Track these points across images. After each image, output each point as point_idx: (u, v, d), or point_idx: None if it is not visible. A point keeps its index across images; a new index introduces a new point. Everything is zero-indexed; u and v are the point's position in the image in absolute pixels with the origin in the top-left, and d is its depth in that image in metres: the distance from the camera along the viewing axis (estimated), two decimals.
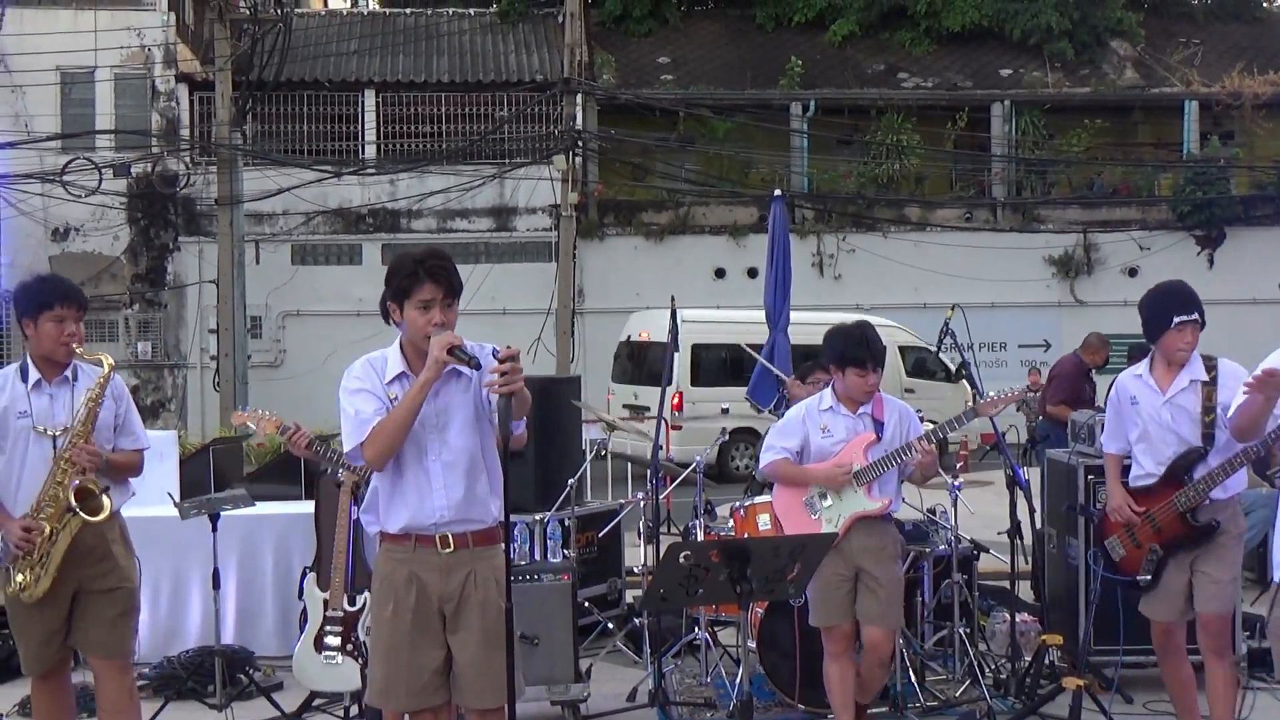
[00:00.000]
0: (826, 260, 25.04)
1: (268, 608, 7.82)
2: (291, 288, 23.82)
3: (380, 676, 4.31)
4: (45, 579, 5.05)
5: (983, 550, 7.46)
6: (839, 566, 5.67)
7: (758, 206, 24.32)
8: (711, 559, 4.23)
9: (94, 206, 22.68)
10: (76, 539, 5.08)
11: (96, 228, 23.60)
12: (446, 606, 4.28)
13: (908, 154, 25.52)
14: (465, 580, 4.28)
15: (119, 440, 5.32)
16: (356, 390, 4.33)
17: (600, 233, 24.92)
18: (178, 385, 24.06)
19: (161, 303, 24.18)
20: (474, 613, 4.26)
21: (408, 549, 4.28)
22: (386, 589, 4.32)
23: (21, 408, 5.13)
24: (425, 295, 4.26)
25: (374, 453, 4.22)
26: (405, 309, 4.30)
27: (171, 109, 24.27)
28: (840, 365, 5.76)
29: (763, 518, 7.03)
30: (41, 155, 22.16)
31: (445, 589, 4.27)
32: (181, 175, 23.81)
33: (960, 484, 7.41)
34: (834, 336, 5.83)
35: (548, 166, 23.93)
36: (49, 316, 5.12)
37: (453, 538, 4.29)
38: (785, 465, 5.85)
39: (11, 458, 5.14)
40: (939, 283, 23.56)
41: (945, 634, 7.19)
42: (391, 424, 4.19)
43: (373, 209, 24.38)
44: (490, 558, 4.33)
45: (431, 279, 4.27)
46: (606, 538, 8.30)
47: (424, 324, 4.26)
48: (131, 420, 5.37)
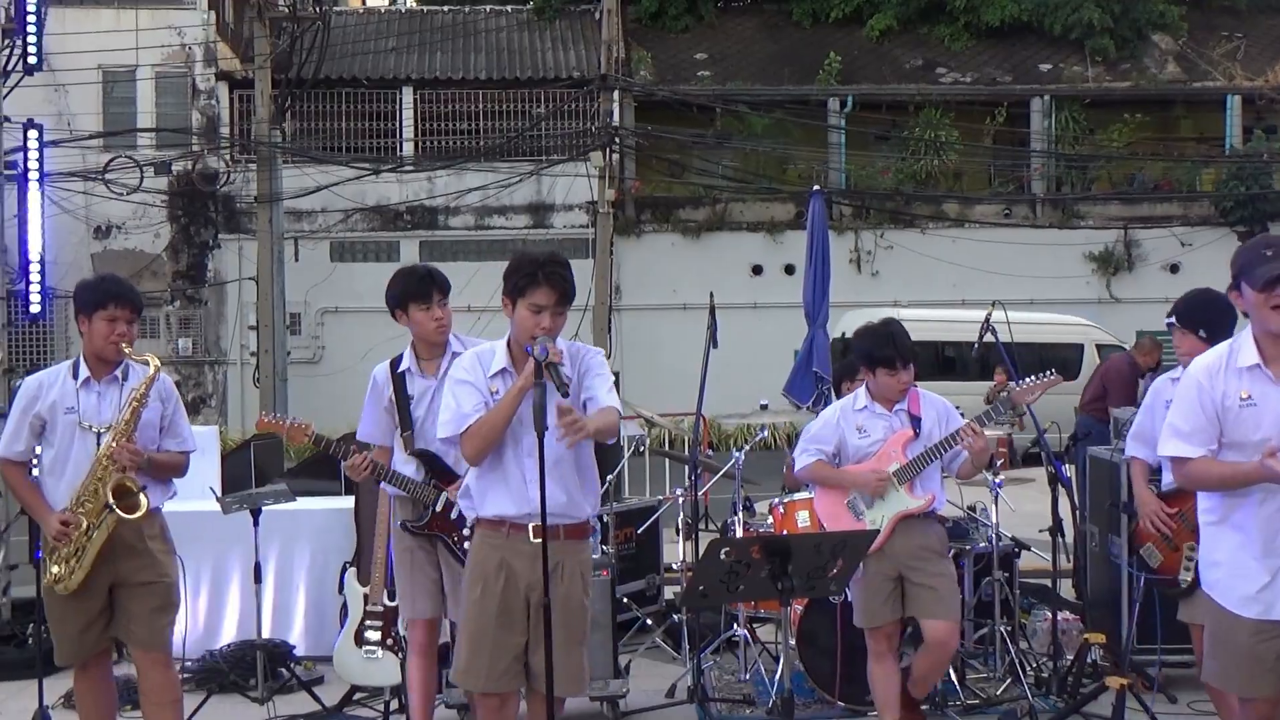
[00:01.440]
0: (864, 257, 24.94)
1: (306, 602, 7.85)
2: (330, 285, 23.95)
3: (464, 656, 4.45)
4: (79, 572, 5.15)
5: (1024, 548, 7.41)
6: (883, 567, 5.62)
7: (795, 203, 24.25)
8: (753, 555, 4.23)
9: (135, 204, 22.87)
10: (114, 535, 5.15)
11: (138, 225, 23.81)
12: (533, 595, 4.37)
13: (946, 150, 25.39)
14: (553, 571, 4.36)
15: (164, 441, 5.40)
16: (461, 382, 4.51)
17: (637, 229, 24.91)
18: (218, 381, 24.24)
19: (202, 299, 24.36)
20: (557, 605, 4.34)
21: (501, 535, 4.42)
22: (477, 572, 4.46)
23: (70, 404, 5.25)
24: (540, 299, 4.36)
25: (470, 449, 4.42)
26: (517, 307, 4.40)
27: (211, 107, 24.45)
28: (870, 366, 5.75)
29: (802, 514, 7.00)
30: (84, 153, 22.35)
31: (533, 577, 4.35)
32: (221, 173, 23.97)
33: (1001, 481, 7.35)
34: (861, 337, 5.83)
35: (584, 163, 23.94)
36: (102, 316, 5.25)
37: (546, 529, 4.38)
38: (821, 468, 5.81)
39: (58, 452, 5.26)
40: (977, 279, 23.40)
41: (986, 632, 7.14)
42: (486, 425, 4.36)
43: (410, 206, 24.48)
44: (578, 552, 4.49)
45: (549, 283, 4.37)
46: (645, 534, 8.30)
47: (533, 325, 4.36)
48: (178, 422, 5.45)
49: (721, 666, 7.32)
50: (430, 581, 5.48)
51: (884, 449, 5.73)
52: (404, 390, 5.51)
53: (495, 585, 4.40)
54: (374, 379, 5.59)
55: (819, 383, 9.67)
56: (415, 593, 5.51)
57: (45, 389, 5.31)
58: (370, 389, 5.59)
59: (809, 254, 10.32)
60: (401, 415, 5.50)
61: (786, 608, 4.41)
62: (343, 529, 7.63)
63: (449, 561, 5.45)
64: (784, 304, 21.34)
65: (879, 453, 5.73)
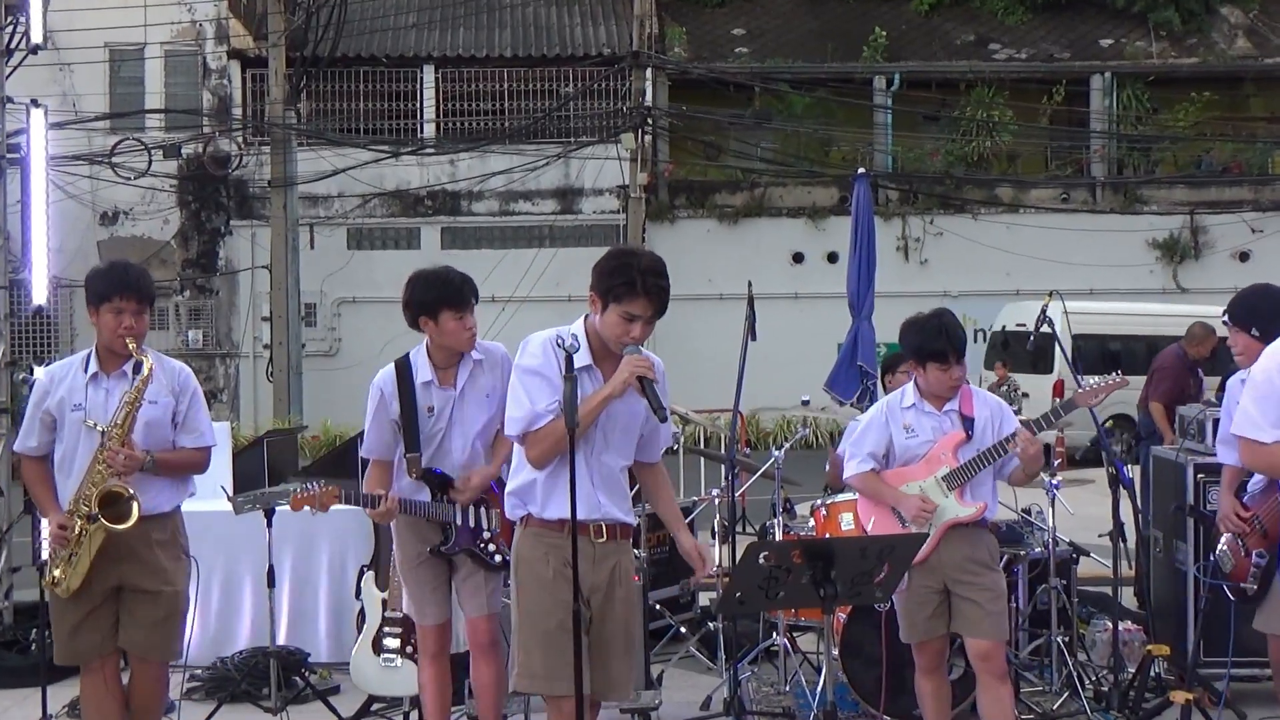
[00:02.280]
0: (912, 244, 24.85)
1: (322, 608, 7.88)
2: (347, 273, 24.04)
3: (537, 660, 4.41)
4: (75, 577, 5.24)
5: (1082, 553, 7.38)
6: (927, 579, 5.55)
7: (838, 187, 24.18)
8: (793, 560, 4.22)
9: (143, 189, 23.03)
10: (118, 538, 5.21)
11: (146, 211, 23.97)
12: (594, 597, 4.48)
13: (999, 130, 25.26)
14: (611, 572, 4.53)
15: (180, 437, 5.44)
16: (533, 373, 4.45)
17: (671, 215, 24.90)
18: (230, 375, 24.39)
19: (213, 289, 24.51)
20: (617, 606, 4.52)
21: (561, 535, 4.42)
22: (535, 573, 4.48)
23: (77, 400, 5.33)
24: (636, 309, 4.37)
25: (538, 453, 4.42)
26: (608, 309, 4.39)
27: (223, 87, 24.58)
28: (920, 360, 5.64)
29: (846, 516, 6.98)
30: (90, 136, 22.53)
31: (594, 579, 4.48)
32: (234, 156, 24.09)
33: (1059, 482, 7.32)
34: (912, 330, 5.72)
35: (615, 145, 23.93)
36: (108, 307, 5.30)
37: (605, 528, 4.53)
38: (871, 481, 5.74)
39: (66, 450, 5.35)
40: (1033, 268, 23.29)
41: (1042, 643, 7.11)
42: (562, 432, 4.30)
43: (432, 191, 24.55)
44: (628, 550, 4.66)
45: (648, 296, 4.37)
46: None
47: (622, 333, 4.40)
48: (195, 417, 5.48)
49: (760, 678, 7.32)
50: (439, 586, 5.52)
51: (933, 451, 5.66)
52: (413, 404, 5.40)
53: (557, 587, 4.41)
54: (379, 391, 5.44)
55: (863, 378, 9.66)
56: (424, 599, 5.54)
57: (55, 383, 5.38)
58: (374, 403, 5.45)
59: (853, 241, 10.30)
60: (408, 435, 5.41)
61: (829, 615, 4.39)
62: (360, 531, 7.65)
63: (471, 565, 5.46)
64: (826, 294, 21.28)
65: (928, 454, 5.66)
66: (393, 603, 6.38)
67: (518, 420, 4.44)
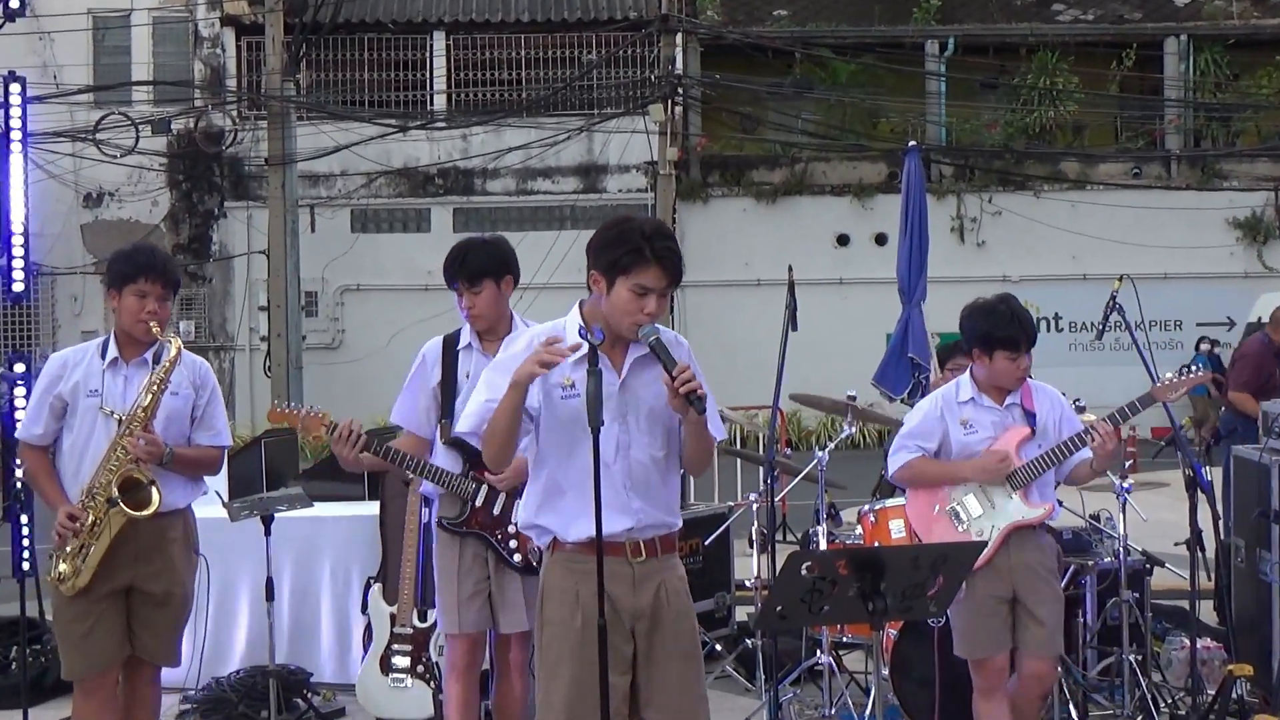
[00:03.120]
0: (968, 225, 24.77)
1: (325, 623, 7.91)
2: (351, 259, 24.12)
3: (561, 703, 4.23)
4: (85, 572, 5.32)
5: (1156, 564, 7.35)
6: (995, 587, 5.57)
7: (887, 162, 24.12)
8: (839, 571, 4.21)
9: (130, 168, 23.15)
10: (133, 533, 5.33)
11: (133, 192, 24.10)
12: (639, 625, 4.31)
13: (1064, 99, 25.13)
14: (657, 593, 4.33)
15: (195, 434, 5.62)
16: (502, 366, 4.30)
17: (704, 194, 24.89)
18: (224, 369, 24.49)
19: (205, 276, 24.63)
20: (669, 629, 4.32)
21: (593, 558, 4.18)
22: (563, 605, 4.28)
23: (93, 386, 5.46)
24: (648, 280, 4.20)
25: (492, 451, 4.26)
26: (615, 286, 4.23)
27: (216, 56, 24.68)
28: (986, 348, 5.67)
29: (896, 524, 6.98)
30: (72, 110, 22.65)
31: (637, 604, 4.30)
32: (228, 132, 24.21)
33: (1130, 485, 7.29)
34: (978, 315, 5.75)
35: (643, 118, 23.92)
36: (131, 290, 5.44)
37: (643, 544, 4.34)
38: (925, 463, 5.77)
39: (78, 438, 5.46)
40: (1101, 251, 23.19)
41: (1112, 662, 7.09)
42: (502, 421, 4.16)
43: (443, 168, 24.60)
44: (674, 566, 4.43)
45: (660, 263, 4.20)
46: (714, 546, 8.30)
47: (636, 310, 4.21)
48: (213, 413, 5.67)
49: (803, 700, 7.31)
50: (476, 589, 5.47)
51: (997, 446, 5.70)
52: (453, 371, 5.54)
53: (588, 649, 4.19)
54: (423, 356, 5.62)
55: (915, 371, 9.64)
56: (458, 602, 5.50)
57: (70, 368, 5.51)
58: (415, 367, 5.63)
59: (903, 221, 10.29)
60: (445, 400, 5.54)
61: (878, 632, 4.38)
62: (366, 539, 7.68)
63: (497, 567, 5.47)
64: (874, 279, 21.26)
65: (987, 451, 5.70)
66: (402, 617, 6.42)
67: (470, 416, 4.30)
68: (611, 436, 4.26)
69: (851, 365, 16.06)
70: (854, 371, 12.93)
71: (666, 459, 4.40)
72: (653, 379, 4.33)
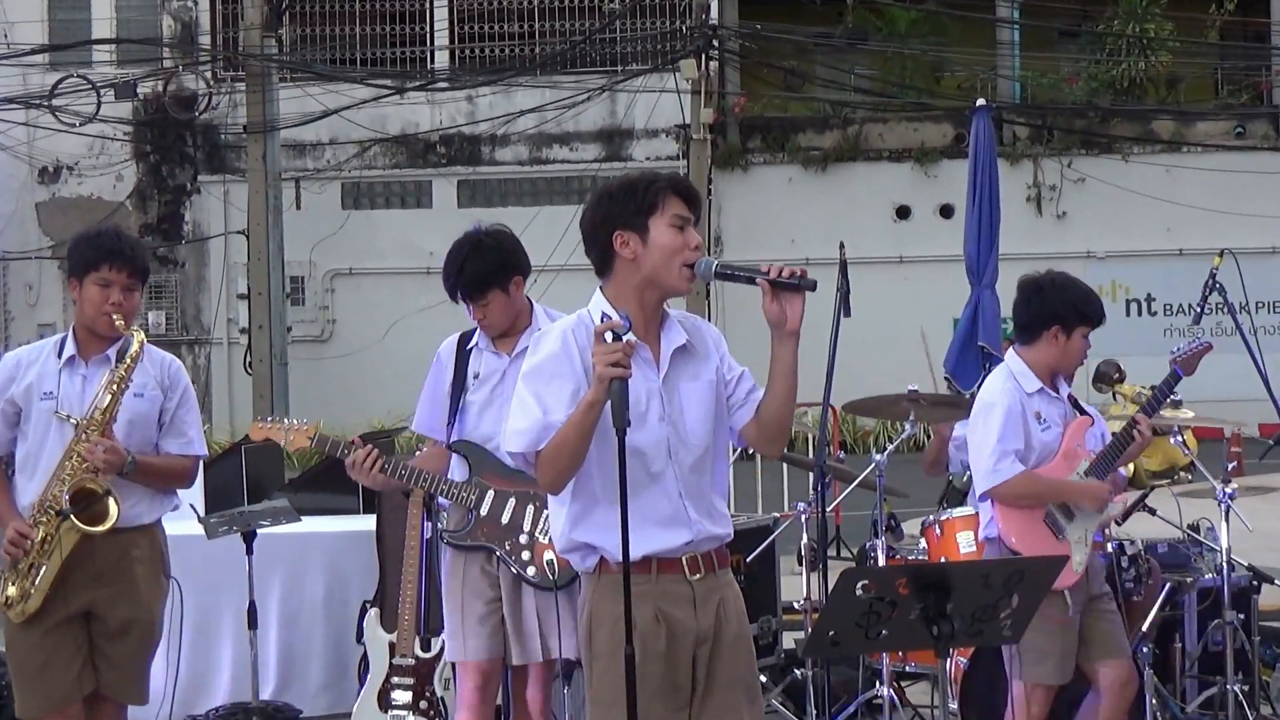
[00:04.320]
0: (1046, 194, 24.70)
1: (316, 653, 7.94)
2: (342, 239, 24.17)
3: None
4: (36, 596, 5.30)
5: (1265, 580, 7.33)
6: (1079, 599, 5.66)
7: (953, 123, 24.06)
8: (900, 591, 4.21)
9: (91, 138, 23.26)
10: (90, 552, 5.31)
11: (94, 165, 24.19)
12: (701, 650, 4.31)
13: (1156, 48, 25.02)
14: (718, 612, 4.35)
15: (164, 441, 5.58)
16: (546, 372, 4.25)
17: (743, 161, 24.88)
18: (199, 366, 24.59)
19: (177, 261, 24.72)
20: (728, 654, 4.33)
21: (648, 579, 4.24)
22: (615, 634, 4.22)
23: (48, 387, 5.44)
24: (680, 208, 4.26)
25: (553, 476, 4.21)
26: (650, 226, 4.22)
27: (187, 10, 24.76)
28: (1069, 326, 5.78)
29: (964, 536, 6.96)
30: (25, 74, 22.75)
31: (700, 627, 4.31)
32: (201, 96, 24.25)
33: (1234, 490, 7.25)
34: (1055, 287, 5.86)
35: (673, 75, 23.90)
36: (93, 279, 5.40)
37: (701, 559, 4.34)
38: (1032, 480, 5.78)
39: (32, 446, 5.45)
40: (1199, 221, 23.08)
41: (1215, 693, 7.05)
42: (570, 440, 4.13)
43: (446, 135, 24.63)
44: (731, 583, 4.45)
45: (678, 192, 4.27)
46: (757, 562, 8.28)
47: (682, 244, 4.24)
48: (184, 418, 5.62)
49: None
50: (488, 612, 5.48)
51: (1066, 444, 5.78)
52: (462, 371, 5.60)
53: (655, 647, 4.22)
54: (438, 357, 5.70)
55: (985, 361, 9.61)
56: (467, 626, 5.50)
57: (24, 368, 5.50)
58: (432, 369, 5.71)
59: (972, 190, 10.28)
60: (452, 403, 5.59)
61: (945, 660, 4.38)
62: (362, 558, 7.70)
63: (510, 586, 5.47)
64: (939, 257, 21.20)
65: (1063, 449, 5.77)
66: (403, 646, 6.43)
67: (523, 434, 4.19)
68: (660, 440, 4.27)
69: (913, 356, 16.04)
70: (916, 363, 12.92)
71: (716, 460, 4.41)
72: (698, 369, 4.35)
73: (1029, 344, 5.86)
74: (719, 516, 4.39)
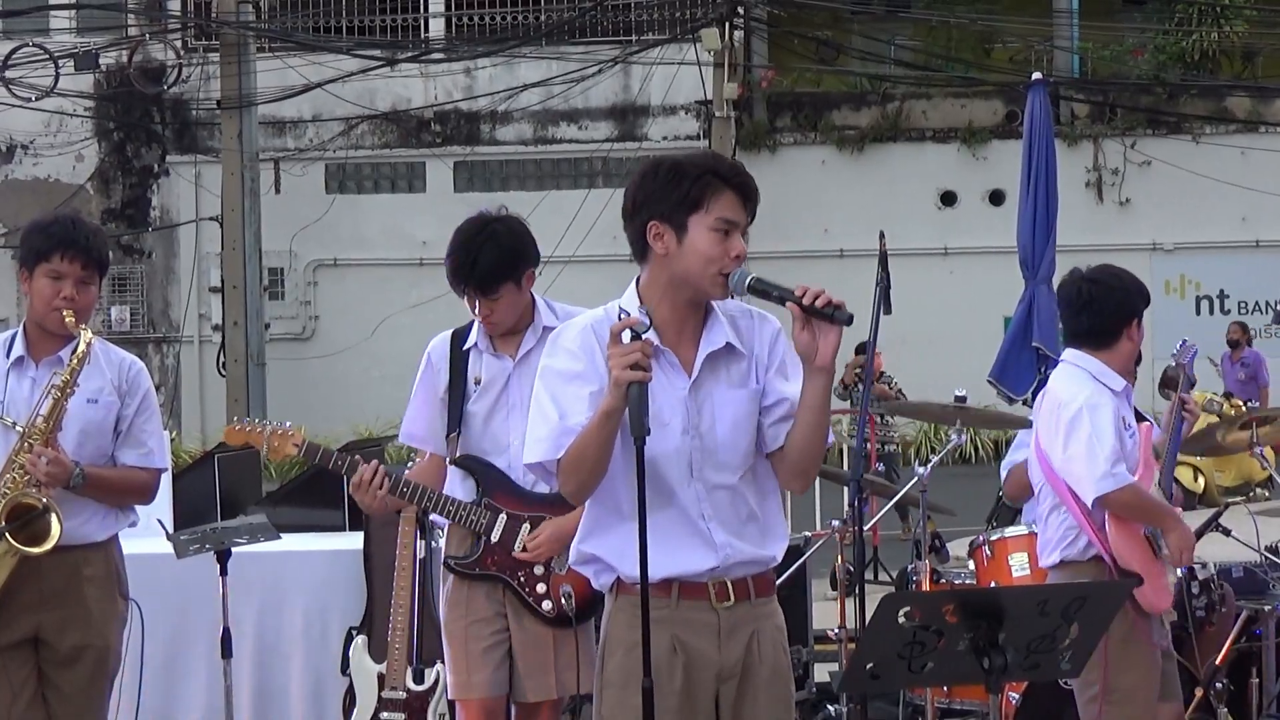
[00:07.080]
0: (1108, 178, 24.69)
1: (296, 685, 7.95)
2: (326, 226, 24.21)
3: None
4: None
5: None
6: (1161, 633, 5.74)
7: (1004, 100, 24.09)
8: (946, 618, 4.21)
9: (48, 114, 23.30)
10: (37, 571, 5.29)
11: (52, 144, 24.25)
12: (724, 686, 4.31)
13: (1231, 17, 25.00)
14: (748, 646, 4.33)
15: (121, 451, 5.55)
16: (560, 374, 4.27)
17: (771, 141, 24.91)
18: (167, 367, 24.64)
19: (143, 250, 24.77)
20: (760, 692, 4.32)
21: (668, 604, 4.24)
22: (629, 662, 4.25)
23: None
24: (729, 211, 4.19)
25: (575, 485, 4.22)
26: (690, 225, 4.17)
27: None
28: (1140, 315, 5.94)
29: (1018, 558, 6.96)
30: None
31: (725, 661, 4.30)
32: (170, 67, 24.27)
33: None
34: (1120, 277, 5.98)
35: (693, 46, 23.92)
36: (45, 270, 5.37)
37: (731, 585, 4.31)
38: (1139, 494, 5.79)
39: None
40: (1277, 210, 23.07)
41: None
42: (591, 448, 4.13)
43: (441, 112, 24.65)
44: (772, 613, 4.42)
45: (735, 187, 4.20)
46: (787, 586, 8.28)
47: (721, 253, 4.17)
48: (144, 427, 5.58)
49: None
50: (495, 643, 5.48)
51: (1143, 451, 5.85)
52: (462, 376, 5.57)
53: (670, 680, 4.23)
54: (428, 358, 5.66)
55: (1040, 364, 9.61)
56: (471, 659, 5.49)
57: None
58: (421, 372, 5.67)
59: (1025, 175, 10.28)
60: (451, 411, 5.56)
61: (996, 695, 4.37)
62: (348, 580, 7.70)
63: (519, 616, 5.48)
64: (989, 248, 21.19)
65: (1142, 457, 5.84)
66: (393, 678, 6.44)
67: (541, 441, 4.23)
68: (682, 454, 4.26)
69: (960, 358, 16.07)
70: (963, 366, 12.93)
71: (758, 478, 4.36)
72: (735, 380, 4.32)
73: (1107, 347, 5.87)
74: (759, 541, 4.35)
